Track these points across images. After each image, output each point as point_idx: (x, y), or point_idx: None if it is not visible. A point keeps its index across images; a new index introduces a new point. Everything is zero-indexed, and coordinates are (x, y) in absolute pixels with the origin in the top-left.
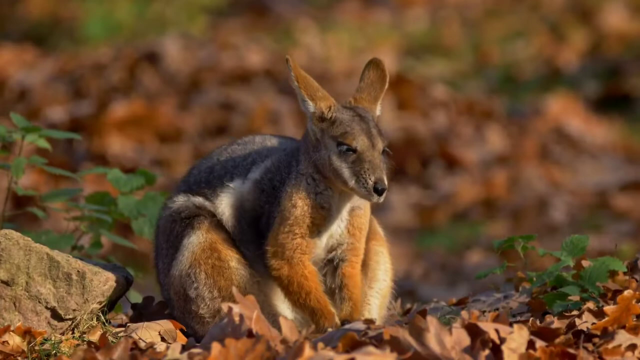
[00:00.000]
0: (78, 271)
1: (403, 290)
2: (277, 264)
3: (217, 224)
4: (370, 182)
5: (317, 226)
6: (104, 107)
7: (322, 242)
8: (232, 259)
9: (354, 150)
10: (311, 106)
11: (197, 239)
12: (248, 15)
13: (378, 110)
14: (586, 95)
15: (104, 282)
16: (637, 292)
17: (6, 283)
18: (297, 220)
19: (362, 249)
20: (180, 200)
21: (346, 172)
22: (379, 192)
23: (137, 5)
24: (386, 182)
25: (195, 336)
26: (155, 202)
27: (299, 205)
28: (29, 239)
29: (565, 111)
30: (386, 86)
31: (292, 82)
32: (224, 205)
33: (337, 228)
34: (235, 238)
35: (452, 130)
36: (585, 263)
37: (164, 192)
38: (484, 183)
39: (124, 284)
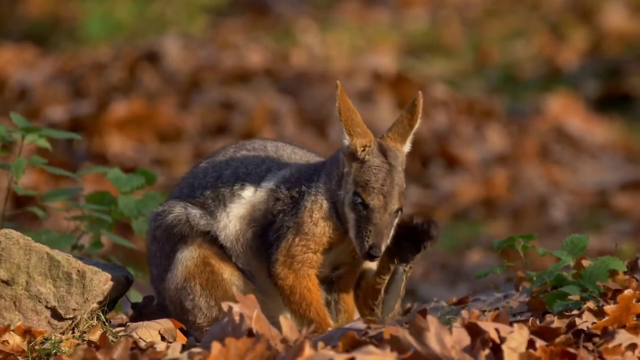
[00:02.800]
0: (78, 270)
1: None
2: (283, 274)
3: (210, 239)
4: (366, 245)
5: (332, 245)
6: (104, 107)
7: (331, 260)
8: (225, 271)
9: (366, 207)
10: (347, 140)
11: (189, 254)
12: (248, 15)
13: (407, 147)
14: (586, 94)
15: (104, 281)
16: (638, 292)
17: (6, 282)
18: (315, 238)
19: (359, 269)
20: (176, 211)
21: (351, 222)
22: (370, 256)
23: (137, 4)
24: (382, 249)
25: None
26: (155, 201)
27: (320, 224)
28: (29, 238)
29: (565, 111)
30: (417, 123)
31: (336, 111)
32: (232, 216)
33: (348, 247)
34: (234, 253)
35: (452, 130)
36: (585, 262)
37: (164, 192)
38: (484, 182)
39: (124, 284)
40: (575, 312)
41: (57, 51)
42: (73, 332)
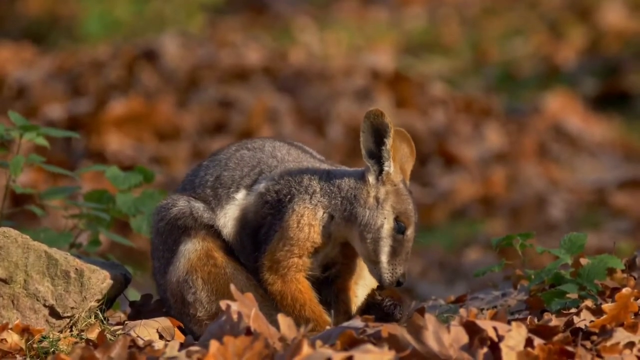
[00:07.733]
0: (76, 269)
1: (401, 288)
2: (271, 279)
3: (214, 232)
4: (399, 272)
5: (317, 249)
6: (102, 105)
7: (318, 262)
8: (229, 265)
9: (404, 235)
10: (391, 167)
11: (193, 246)
12: (246, 13)
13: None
14: (585, 93)
15: (102, 279)
16: (636, 290)
17: (4, 281)
18: (299, 242)
19: (355, 266)
20: (180, 204)
21: (386, 248)
22: (398, 284)
23: (135, 3)
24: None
25: (193, 337)
26: (153, 199)
27: (305, 230)
28: (27, 236)
29: (563, 109)
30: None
31: (387, 139)
32: (228, 217)
33: (333, 250)
34: (235, 249)
35: (451, 128)
36: (583, 261)
37: (162, 190)
38: (483, 181)
39: (122, 282)
40: (573, 310)
41: (56, 49)
42: (71, 331)
